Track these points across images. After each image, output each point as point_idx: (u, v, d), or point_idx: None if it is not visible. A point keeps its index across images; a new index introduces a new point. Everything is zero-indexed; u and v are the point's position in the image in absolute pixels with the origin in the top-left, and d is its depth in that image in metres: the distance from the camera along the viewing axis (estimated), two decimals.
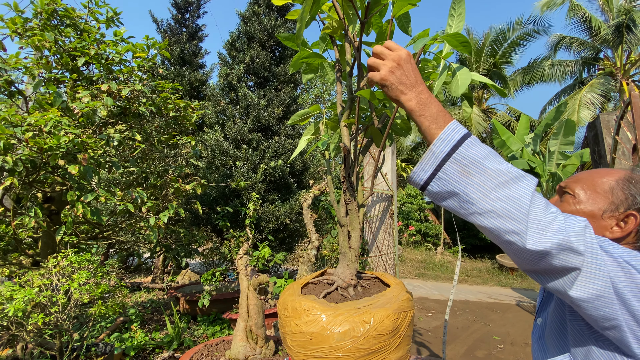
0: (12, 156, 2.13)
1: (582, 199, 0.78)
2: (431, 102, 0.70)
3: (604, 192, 0.75)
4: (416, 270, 9.91)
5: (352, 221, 1.51)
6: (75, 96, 2.59)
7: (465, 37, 1.22)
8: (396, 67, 0.70)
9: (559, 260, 0.57)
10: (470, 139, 0.65)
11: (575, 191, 0.80)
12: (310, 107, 1.73)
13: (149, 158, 3.57)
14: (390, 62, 0.71)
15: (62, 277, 2.00)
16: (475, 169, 0.62)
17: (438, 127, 0.68)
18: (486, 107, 17.11)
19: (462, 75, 1.20)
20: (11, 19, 2.89)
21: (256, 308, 2.13)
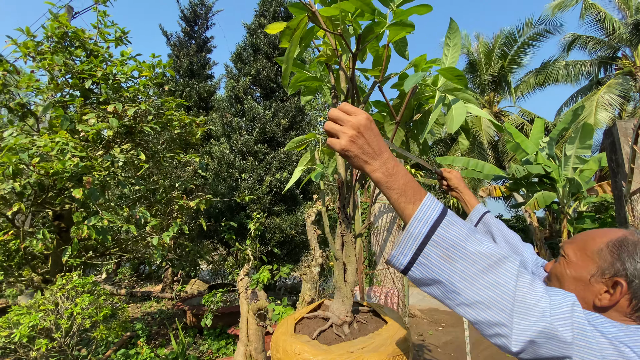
0: (20, 180, 2.18)
1: (572, 262, 0.73)
2: (398, 172, 0.65)
3: (593, 254, 0.70)
4: None
5: (347, 254, 1.48)
6: (82, 118, 2.64)
7: (460, 71, 1.19)
8: (357, 135, 0.64)
9: (547, 350, 0.53)
10: (448, 217, 0.61)
11: (567, 253, 0.76)
12: (307, 134, 1.72)
13: (155, 174, 3.62)
14: (349, 129, 0.64)
15: (66, 300, 2.02)
16: (458, 254, 0.58)
17: (407, 200, 0.64)
18: (498, 110, 16.80)
19: (457, 109, 1.16)
20: (24, 43, 2.99)
21: (256, 333, 2.12)
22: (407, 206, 0.63)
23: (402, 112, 1.18)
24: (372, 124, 0.66)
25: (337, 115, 0.67)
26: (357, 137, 0.64)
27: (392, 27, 1.26)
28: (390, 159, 0.65)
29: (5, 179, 2.13)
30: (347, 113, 0.67)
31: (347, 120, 0.65)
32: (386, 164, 0.65)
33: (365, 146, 0.64)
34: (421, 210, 0.62)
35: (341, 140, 0.65)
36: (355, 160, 0.65)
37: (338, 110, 0.68)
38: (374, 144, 0.65)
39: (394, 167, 0.65)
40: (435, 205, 0.62)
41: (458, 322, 5.70)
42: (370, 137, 0.64)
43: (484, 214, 1.35)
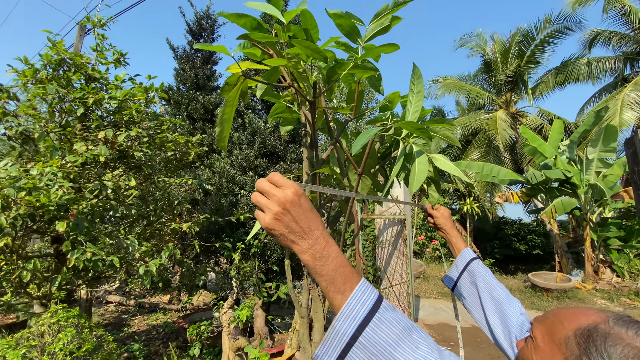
0: (9, 214, 2.21)
1: (539, 347, 0.63)
2: (328, 254, 0.57)
3: (560, 342, 0.60)
4: (440, 289, 9.45)
5: (315, 309, 1.40)
6: (72, 148, 2.67)
7: (422, 125, 1.09)
8: (282, 212, 0.57)
9: None
10: (379, 314, 0.54)
11: (535, 335, 0.66)
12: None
13: (151, 195, 3.64)
14: (274, 205, 0.57)
15: (49, 335, 2.03)
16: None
17: (336, 289, 0.56)
18: (515, 110, 16.22)
19: (420, 165, 1.05)
20: (23, 71, 3.07)
21: None
22: (336, 296, 0.56)
23: (363, 164, 1.09)
24: (302, 198, 0.59)
25: (263, 187, 0.60)
26: (282, 214, 0.57)
27: (354, 70, 1.18)
28: (321, 239, 0.58)
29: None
30: (275, 185, 0.60)
31: (272, 194, 0.58)
32: (315, 244, 0.57)
33: (291, 224, 0.57)
34: (349, 303, 0.54)
35: (266, 216, 0.58)
36: (282, 240, 0.59)
37: (266, 182, 0.61)
38: (303, 221, 0.58)
39: (324, 248, 0.57)
40: (367, 298, 0.55)
41: (469, 339, 5.48)
42: (298, 214, 0.57)
43: (470, 261, 1.24)
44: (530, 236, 18.63)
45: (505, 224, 19.68)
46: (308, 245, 0.57)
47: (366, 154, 1.07)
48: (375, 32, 1.35)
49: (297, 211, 0.57)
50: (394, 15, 1.28)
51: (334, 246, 0.59)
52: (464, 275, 1.24)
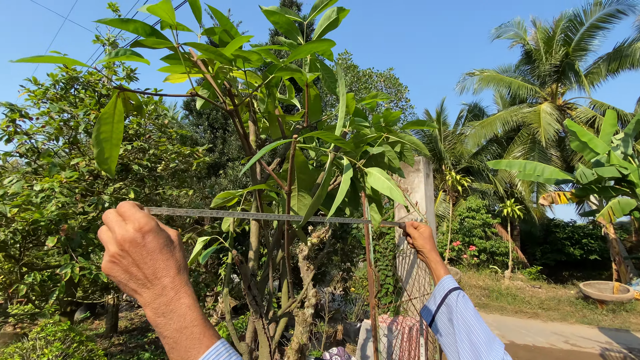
0: (4, 231, 2.29)
1: None
2: (174, 310, 0.44)
3: None
4: (476, 300, 8.75)
5: (261, 344, 1.22)
6: (70, 163, 2.74)
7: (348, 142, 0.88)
8: (120, 254, 0.45)
9: None
10: None
11: None
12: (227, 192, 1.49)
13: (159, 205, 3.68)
14: (112, 244, 0.45)
15: (34, 351, 2.04)
16: None
17: (179, 356, 0.43)
18: (562, 102, 14.78)
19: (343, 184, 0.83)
20: (34, 92, 3.23)
21: None
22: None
23: (289, 181, 0.91)
24: (148, 236, 0.45)
25: (109, 220, 0.47)
26: (120, 257, 0.45)
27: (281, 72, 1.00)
28: (169, 289, 0.45)
29: None
30: (121, 217, 0.47)
31: (113, 230, 0.46)
32: (160, 296, 0.44)
33: (132, 269, 0.45)
34: None
35: (104, 257, 0.47)
36: (122, 288, 0.47)
37: (113, 213, 0.48)
38: (146, 266, 0.45)
39: (170, 301, 0.44)
40: None
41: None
42: (141, 257, 0.45)
43: (449, 292, 1.01)
44: (585, 240, 16.83)
45: (556, 227, 17.97)
46: (151, 296, 0.45)
47: (289, 169, 0.89)
48: (323, 27, 1.17)
49: (140, 253, 0.45)
50: (339, 7, 1.09)
51: (186, 298, 0.45)
52: (441, 309, 1.02)
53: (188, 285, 0.47)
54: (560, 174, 11.01)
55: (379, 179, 0.84)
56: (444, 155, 15.44)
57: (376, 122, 1.33)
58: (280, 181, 0.96)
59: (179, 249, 0.49)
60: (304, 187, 0.95)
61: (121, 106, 0.79)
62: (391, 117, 1.29)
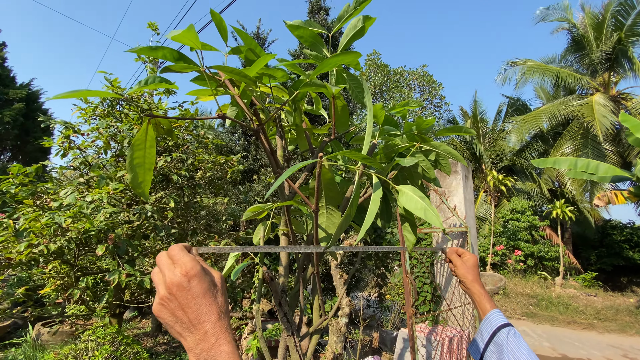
0: (60, 239, 2.49)
1: None
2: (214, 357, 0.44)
3: None
4: (524, 309, 8.17)
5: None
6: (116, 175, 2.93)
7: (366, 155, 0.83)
8: (168, 297, 0.47)
9: None
10: None
11: None
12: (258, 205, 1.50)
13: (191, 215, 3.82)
14: (162, 287, 0.48)
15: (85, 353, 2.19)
16: None
17: None
18: (616, 93, 13.46)
19: (373, 203, 0.77)
20: (84, 109, 3.51)
21: None
22: None
23: (316, 200, 0.88)
24: (193, 280, 0.47)
25: (161, 262, 0.50)
26: (168, 300, 0.47)
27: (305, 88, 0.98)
28: (210, 335, 0.46)
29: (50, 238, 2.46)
30: (171, 260, 0.49)
31: (164, 273, 0.49)
32: (202, 342, 0.45)
33: (178, 312, 0.47)
34: None
35: (155, 299, 0.49)
36: (170, 330, 0.49)
37: (164, 256, 0.51)
38: (191, 310, 0.47)
39: (211, 347, 0.45)
40: None
41: None
42: (186, 301, 0.47)
43: (497, 329, 0.93)
44: None
45: (613, 229, 16.36)
46: (194, 341, 0.46)
47: (316, 187, 0.86)
48: (349, 37, 1.14)
49: (185, 297, 0.47)
50: (365, 16, 1.05)
51: (226, 345, 0.45)
52: (489, 349, 0.93)
53: (228, 330, 0.47)
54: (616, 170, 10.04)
55: (412, 198, 0.79)
56: (483, 154, 14.67)
57: (408, 131, 1.27)
58: (307, 199, 0.94)
59: (222, 293, 0.49)
60: (332, 203, 0.92)
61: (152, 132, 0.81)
62: (424, 124, 1.23)
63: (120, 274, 2.38)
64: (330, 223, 0.94)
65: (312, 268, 1.33)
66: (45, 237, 2.46)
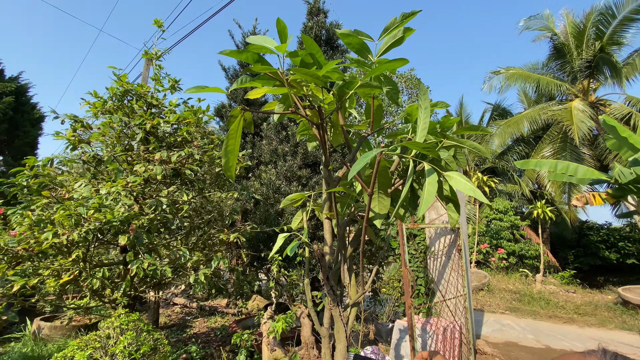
0: (80, 230, 2.55)
1: None
2: None
3: None
4: (507, 304, 8.56)
5: (337, 329, 1.35)
6: (133, 169, 3.00)
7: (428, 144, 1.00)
8: None
9: None
10: None
11: None
12: (298, 193, 1.64)
13: (203, 207, 3.91)
14: None
15: (112, 338, 2.27)
16: None
17: None
18: (595, 99, 14.20)
19: (429, 185, 0.95)
20: (94, 104, 3.54)
21: None
22: None
23: (372, 184, 1.03)
24: None
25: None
26: None
27: (360, 89, 1.13)
28: None
29: (70, 229, 2.51)
30: None
31: None
32: None
33: None
34: None
35: None
36: None
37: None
38: None
39: None
40: None
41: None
42: None
43: None
44: (622, 243, 16.03)
45: (589, 229, 17.22)
46: None
47: (374, 174, 1.02)
48: (388, 45, 1.30)
49: None
50: (406, 27, 1.22)
51: None
52: None
53: None
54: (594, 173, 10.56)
55: (461, 181, 0.95)
56: (468, 156, 15.15)
57: (432, 129, 1.44)
58: (364, 184, 1.09)
59: None
60: (383, 189, 1.08)
61: (242, 123, 0.94)
62: (448, 123, 1.40)
63: (142, 263, 2.47)
64: (381, 206, 1.09)
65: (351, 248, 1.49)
66: (66, 227, 2.52)
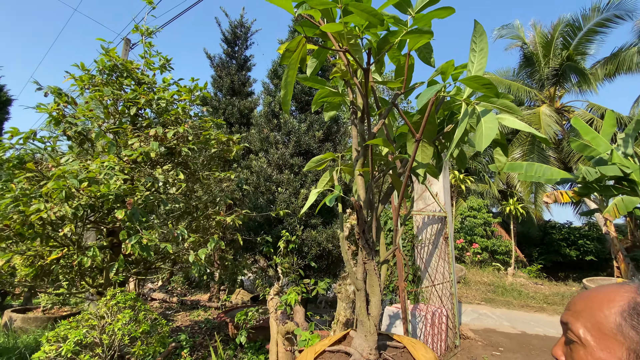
0: (72, 203, 2.39)
1: (592, 346, 0.56)
2: None
3: (613, 333, 0.54)
4: (483, 295, 8.94)
5: (371, 283, 1.35)
6: (128, 143, 2.85)
7: (488, 79, 1.02)
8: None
9: None
10: None
11: (581, 337, 0.58)
12: (326, 154, 1.63)
13: (196, 190, 3.78)
14: None
15: (109, 316, 2.14)
16: None
17: None
18: (560, 105, 15.19)
19: (487, 123, 0.99)
20: (80, 77, 3.32)
21: (285, 357, 2.04)
22: None
23: (422, 128, 1.04)
24: None
25: None
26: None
27: (408, 35, 1.14)
28: None
29: (60, 203, 2.34)
30: None
31: None
32: None
33: None
34: None
35: None
36: None
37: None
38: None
39: None
40: None
41: (519, 346, 5.10)
42: None
43: None
44: (581, 241, 17.16)
45: (552, 228, 18.29)
46: None
47: (425, 117, 1.03)
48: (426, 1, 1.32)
49: None
50: None
51: None
52: None
53: None
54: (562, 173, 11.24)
55: (514, 120, 0.98)
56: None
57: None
58: (412, 129, 1.10)
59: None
60: (428, 137, 1.09)
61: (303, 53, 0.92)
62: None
63: (142, 238, 2.34)
64: (424, 155, 1.11)
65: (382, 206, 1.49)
66: (55, 201, 2.35)
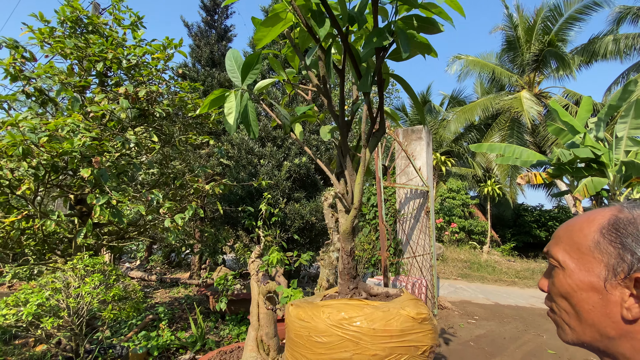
0: (30, 161, 2.18)
1: (571, 268, 0.53)
2: None
3: (590, 251, 0.51)
4: (459, 271, 9.26)
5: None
6: (93, 100, 2.62)
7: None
8: None
9: None
10: None
11: (559, 258, 0.56)
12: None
13: (172, 158, 3.59)
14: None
15: (76, 280, 2.00)
16: None
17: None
18: (539, 91, 15.55)
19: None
20: (39, 29, 3.01)
21: (266, 317, 1.99)
22: None
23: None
24: None
25: None
26: None
27: None
28: None
29: (17, 159, 2.13)
30: None
31: None
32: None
33: None
34: None
35: None
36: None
37: None
38: None
39: None
40: None
41: (492, 315, 5.32)
42: None
43: None
44: (551, 222, 18.06)
45: (525, 211, 19.12)
46: None
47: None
48: None
49: None
50: None
51: None
52: None
53: None
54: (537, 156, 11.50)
55: None
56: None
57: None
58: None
59: None
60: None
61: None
62: None
63: (111, 199, 2.18)
64: None
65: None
66: (13, 158, 2.14)
